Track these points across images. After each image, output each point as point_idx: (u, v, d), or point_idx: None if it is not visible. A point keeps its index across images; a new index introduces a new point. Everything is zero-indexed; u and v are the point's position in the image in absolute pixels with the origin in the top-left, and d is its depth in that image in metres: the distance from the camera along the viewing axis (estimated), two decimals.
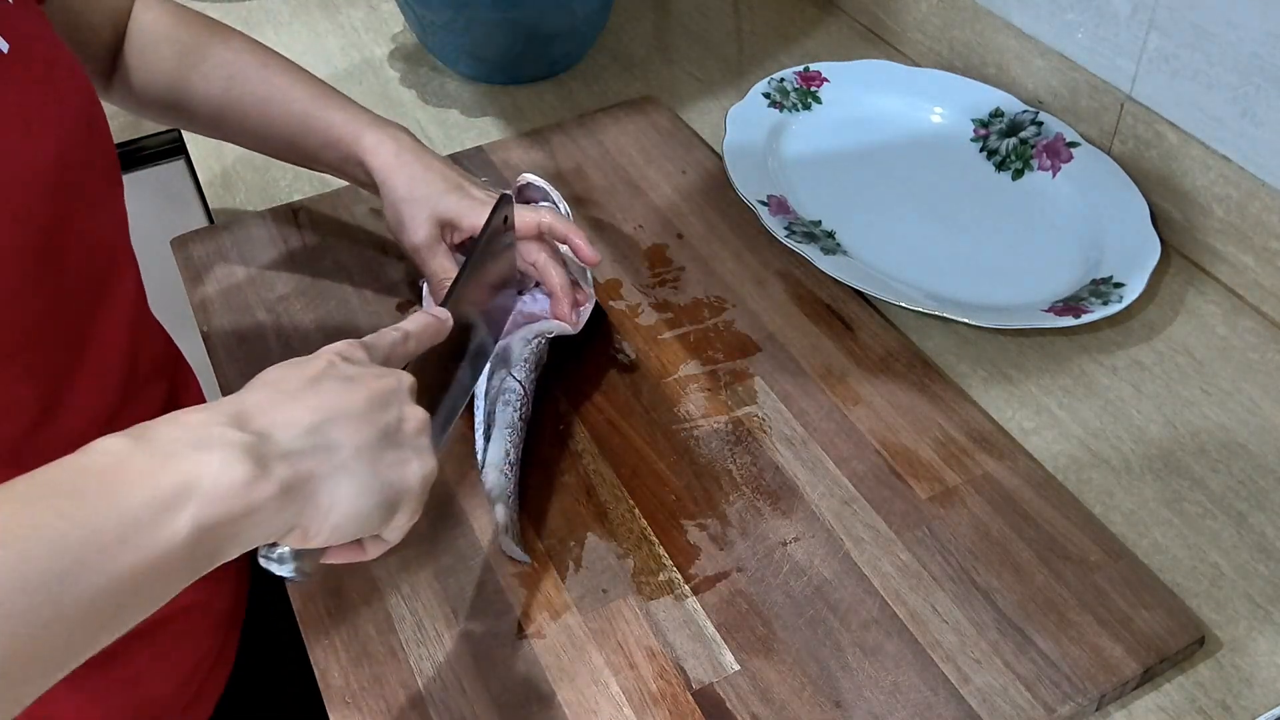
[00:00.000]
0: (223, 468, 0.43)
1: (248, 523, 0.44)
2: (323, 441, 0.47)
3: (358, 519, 0.48)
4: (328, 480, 0.47)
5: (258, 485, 0.44)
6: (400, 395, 0.51)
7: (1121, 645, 0.62)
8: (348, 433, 0.48)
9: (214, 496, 0.43)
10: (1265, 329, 0.83)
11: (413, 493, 0.50)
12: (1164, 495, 0.72)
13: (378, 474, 0.49)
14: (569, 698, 0.61)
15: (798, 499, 0.70)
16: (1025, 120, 0.97)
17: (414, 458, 0.51)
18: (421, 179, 0.76)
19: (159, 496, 0.42)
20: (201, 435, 0.44)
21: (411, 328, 0.57)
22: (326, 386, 0.49)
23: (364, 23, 1.20)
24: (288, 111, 0.78)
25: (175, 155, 1.27)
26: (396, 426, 0.50)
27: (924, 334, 0.83)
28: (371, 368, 0.52)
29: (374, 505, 0.49)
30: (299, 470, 0.46)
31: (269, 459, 0.45)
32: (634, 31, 1.19)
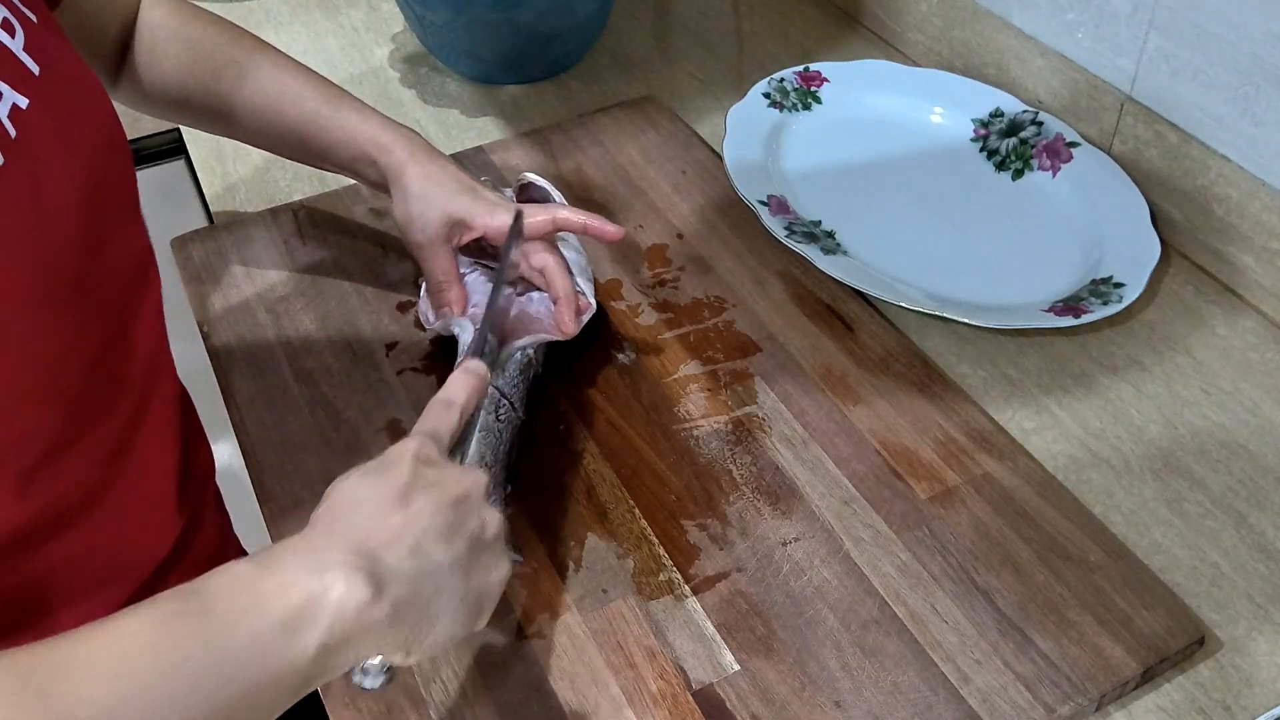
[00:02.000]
0: (346, 590, 0.45)
1: (363, 641, 0.46)
2: (425, 562, 0.48)
3: (455, 631, 0.50)
4: (430, 598, 0.48)
5: (375, 606, 0.46)
6: (478, 499, 0.52)
7: (1121, 645, 0.62)
8: (442, 549, 0.49)
9: (338, 617, 0.45)
10: (1265, 329, 0.83)
11: (493, 596, 0.52)
12: (1164, 495, 0.72)
13: (468, 586, 0.50)
14: (569, 698, 0.61)
15: (798, 499, 0.70)
16: (1025, 120, 0.97)
17: (494, 563, 0.52)
18: (435, 178, 0.76)
19: (287, 618, 0.44)
20: (322, 560, 0.46)
21: (459, 397, 0.57)
22: (417, 502, 0.50)
23: (364, 23, 1.20)
24: (299, 110, 0.78)
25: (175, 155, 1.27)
26: (480, 533, 0.51)
27: (924, 334, 0.83)
28: (449, 469, 0.52)
29: (468, 616, 0.51)
30: (409, 591, 0.47)
31: (384, 581, 0.46)
32: (634, 31, 1.19)
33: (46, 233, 0.53)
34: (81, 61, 0.61)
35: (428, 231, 0.76)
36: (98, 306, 0.58)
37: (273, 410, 0.76)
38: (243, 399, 0.77)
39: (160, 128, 1.24)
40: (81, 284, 0.56)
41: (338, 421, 0.75)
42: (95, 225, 0.57)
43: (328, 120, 0.77)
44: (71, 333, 0.55)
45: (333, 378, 0.79)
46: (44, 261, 0.52)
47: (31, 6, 0.58)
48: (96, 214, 0.57)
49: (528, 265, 0.78)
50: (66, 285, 0.54)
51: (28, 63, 0.54)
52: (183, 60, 0.78)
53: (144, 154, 1.26)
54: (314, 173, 0.99)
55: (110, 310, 0.59)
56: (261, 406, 0.77)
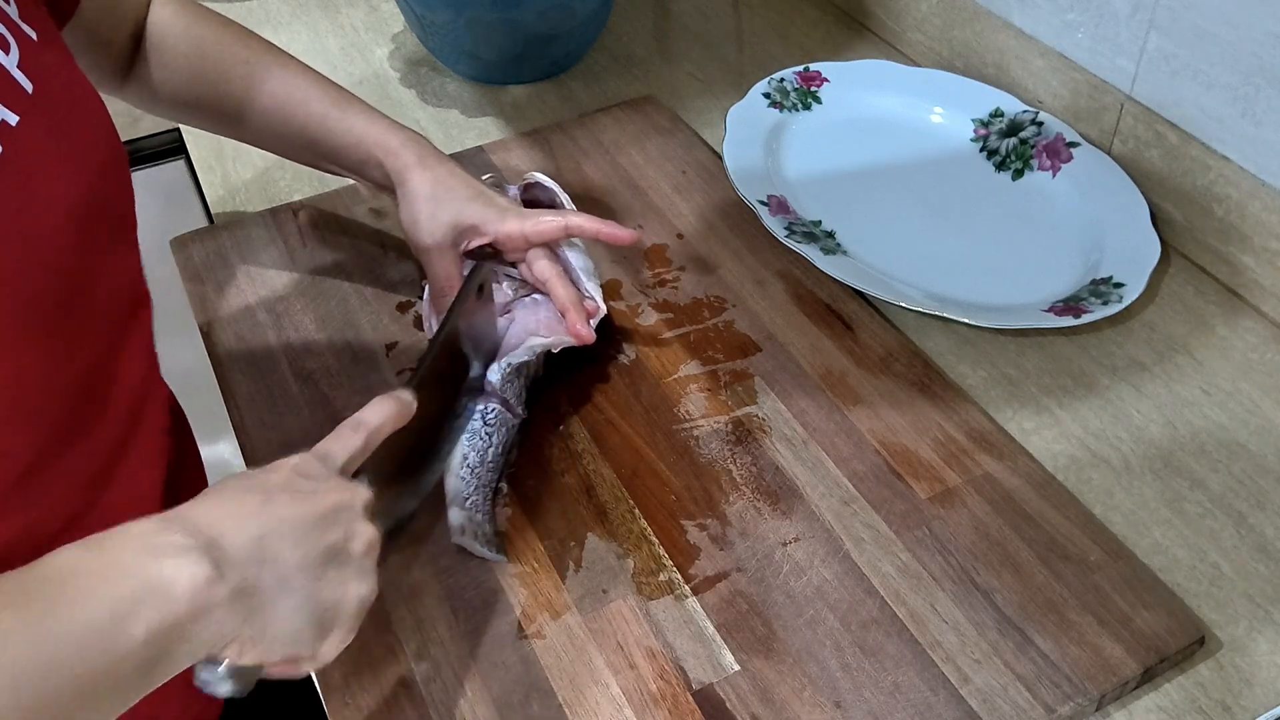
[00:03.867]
0: (177, 570, 0.44)
1: (198, 626, 0.45)
2: (268, 553, 0.48)
3: (291, 636, 0.49)
4: (270, 593, 0.48)
5: (212, 587, 0.45)
6: (351, 512, 0.52)
7: (1121, 645, 0.62)
8: (292, 547, 0.49)
9: (170, 598, 0.44)
10: (1265, 329, 0.83)
11: (348, 614, 0.51)
12: (1164, 495, 0.72)
13: (316, 593, 0.49)
14: (569, 698, 0.61)
15: (798, 499, 0.70)
16: (1025, 120, 0.97)
17: (354, 579, 0.51)
18: (445, 182, 0.76)
19: (116, 604, 0.43)
20: (155, 543, 0.46)
21: (373, 420, 0.57)
22: (277, 500, 0.50)
23: (364, 23, 1.20)
24: (306, 113, 0.78)
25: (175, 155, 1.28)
26: (343, 545, 0.51)
27: (924, 334, 0.83)
28: (327, 481, 0.52)
29: (308, 623, 0.49)
30: (247, 578, 0.47)
31: (222, 562, 0.46)
32: (634, 31, 1.19)
33: (32, 253, 0.52)
34: (82, 79, 0.60)
35: (435, 236, 0.76)
36: (84, 332, 0.57)
37: (273, 410, 0.76)
38: (243, 399, 0.77)
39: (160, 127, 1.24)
40: (68, 307, 0.55)
41: (338, 422, 0.75)
42: (87, 247, 0.56)
43: (335, 123, 0.77)
44: (53, 357, 0.54)
45: (333, 378, 0.79)
46: (29, 282, 0.52)
47: (33, 22, 0.57)
48: (88, 235, 0.56)
49: (530, 273, 0.78)
50: (51, 308, 0.54)
51: (20, 80, 0.54)
52: (190, 62, 0.78)
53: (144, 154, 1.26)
54: (314, 173, 0.99)
55: (97, 337, 0.59)
56: (261, 406, 0.77)
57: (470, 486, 0.68)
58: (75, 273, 0.55)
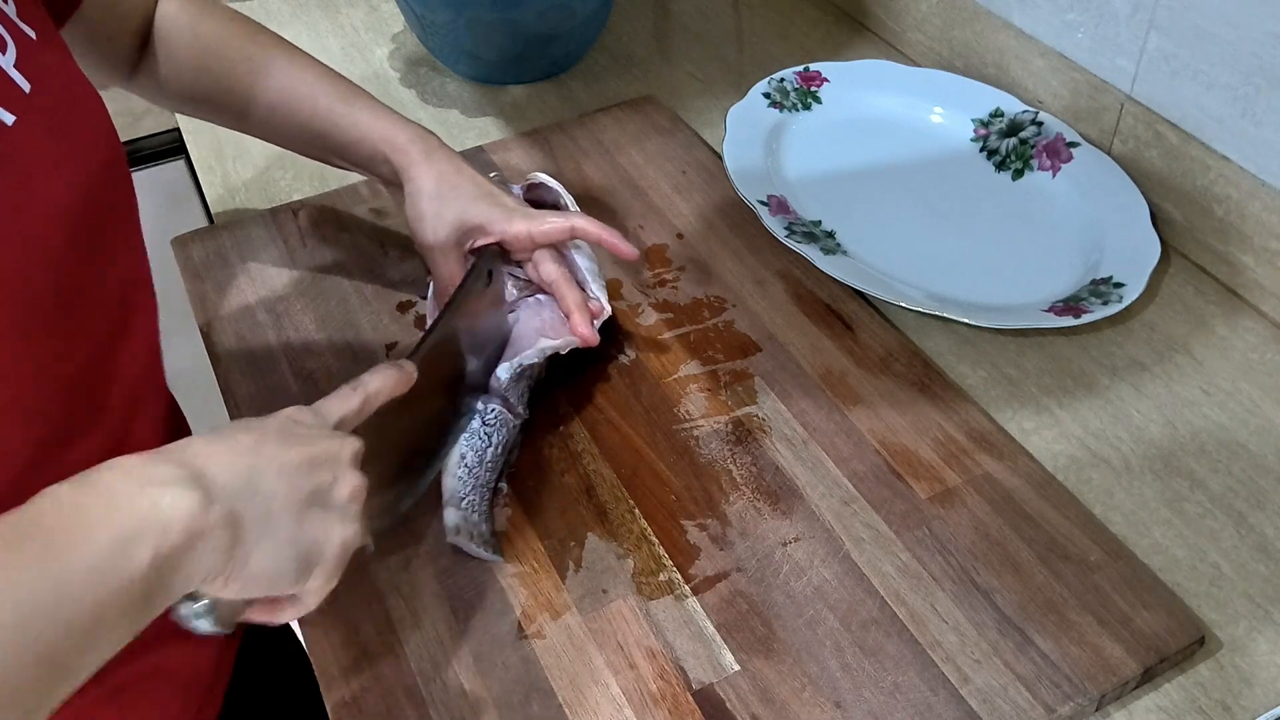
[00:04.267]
0: (174, 500, 0.45)
1: (191, 555, 0.46)
2: (255, 487, 0.49)
3: (273, 572, 0.50)
4: (254, 525, 0.48)
5: (206, 514, 0.46)
6: (339, 459, 0.53)
7: (1121, 645, 0.62)
8: (278, 484, 0.49)
9: (168, 526, 0.45)
10: (1265, 329, 0.83)
11: (330, 557, 0.52)
12: (1164, 495, 0.72)
13: (299, 531, 0.50)
14: (569, 698, 0.61)
15: (798, 499, 0.70)
16: (1025, 120, 0.97)
17: (338, 523, 0.52)
18: (450, 180, 0.76)
19: (116, 537, 0.44)
20: (147, 474, 0.46)
21: (372, 384, 0.58)
22: (269, 439, 0.51)
23: (364, 23, 1.21)
24: (313, 108, 0.77)
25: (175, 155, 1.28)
26: (328, 489, 0.52)
27: (924, 334, 0.83)
28: (318, 429, 0.53)
29: (290, 561, 0.50)
30: (234, 508, 0.47)
31: (211, 490, 0.47)
32: (634, 31, 1.19)
33: (29, 252, 0.52)
34: (82, 79, 0.60)
35: (439, 234, 0.75)
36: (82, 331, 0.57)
37: (273, 410, 0.76)
38: (243, 399, 0.77)
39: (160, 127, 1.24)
40: (66, 306, 0.55)
41: None
42: (84, 246, 0.56)
43: (342, 118, 0.77)
44: (51, 356, 0.54)
45: (333, 378, 0.79)
46: (26, 282, 0.52)
47: (31, 21, 0.57)
48: (86, 235, 0.56)
49: (536, 274, 0.78)
50: (49, 308, 0.54)
51: (18, 80, 0.53)
52: (197, 56, 0.78)
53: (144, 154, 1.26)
54: (314, 173, 0.99)
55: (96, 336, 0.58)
56: (261, 406, 0.77)
57: (467, 486, 0.68)
58: (73, 273, 0.55)
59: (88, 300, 0.57)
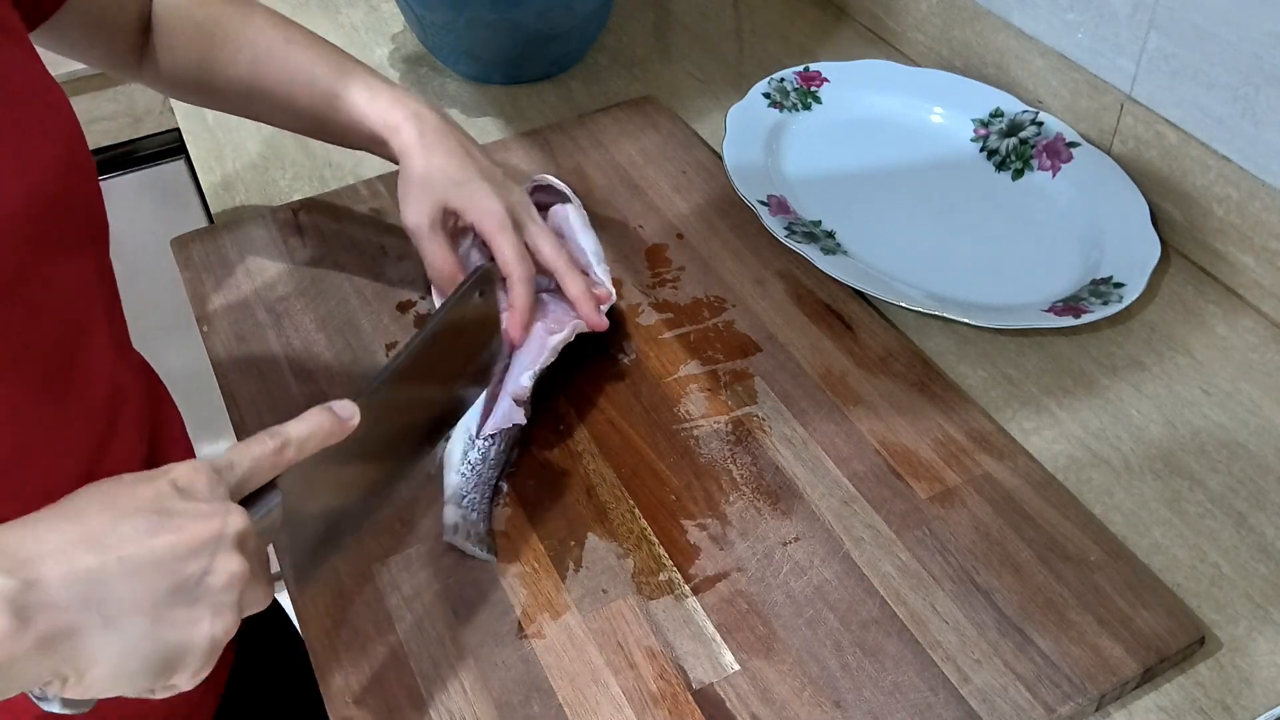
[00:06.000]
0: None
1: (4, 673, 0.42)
2: (96, 594, 0.44)
3: (121, 680, 0.45)
4: (91, 637, 0.44)
5: (14, 639, 0.42)
6: (217, 543, 0.46)
7: (1121, 645, 0.62)
8: (128, 587, 0.44)
9: None
10: (1265, 329, 0.83)
11: (197, 653, 0.47)
12: (1164, 495, 0.72)
13: (155, 633, 0.45)
14: (569, 698, 0.61)
15: (798, 499, 0.70)
16: (1025, 120, 0.97)
17: (207, 616, 0.46)
18: (437, 164, 0.75)
19: None
20: None
21: (295, 433, 0.52)
22: (131, 526, 0.45)
23: (364, 23, 1.21)
24: (312, 91, 0.77)
25: (175, 155, 1.28)
26: (198, 580, 0.46)
27: (924, 334, 0.83)
28: (200, 505, 0.47)
29: (142, 667, 0.45)
30: (60, 623, 0.43)
31: (30, 609, 0.42)
32: (634, 31, 1.19)
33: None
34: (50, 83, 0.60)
35: (418, 217, 0.75)
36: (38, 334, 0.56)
37: (273, 410, 0.76)
38: (243, 399, 0.77)
39: (160, 127, 1.24)
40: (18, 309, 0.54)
41: None
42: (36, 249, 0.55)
43: (340, 102, 0.77)
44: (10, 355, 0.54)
45: (333, 378, 0.79)
46: None
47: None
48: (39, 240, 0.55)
49: (538, 262, 0.78)
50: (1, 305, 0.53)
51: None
52: (196, 43, 0.78)
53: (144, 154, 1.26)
54: (314, 172, 0.99)
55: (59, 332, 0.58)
56: (261, 406, 0.77)
57: (470, 484, 0.68)
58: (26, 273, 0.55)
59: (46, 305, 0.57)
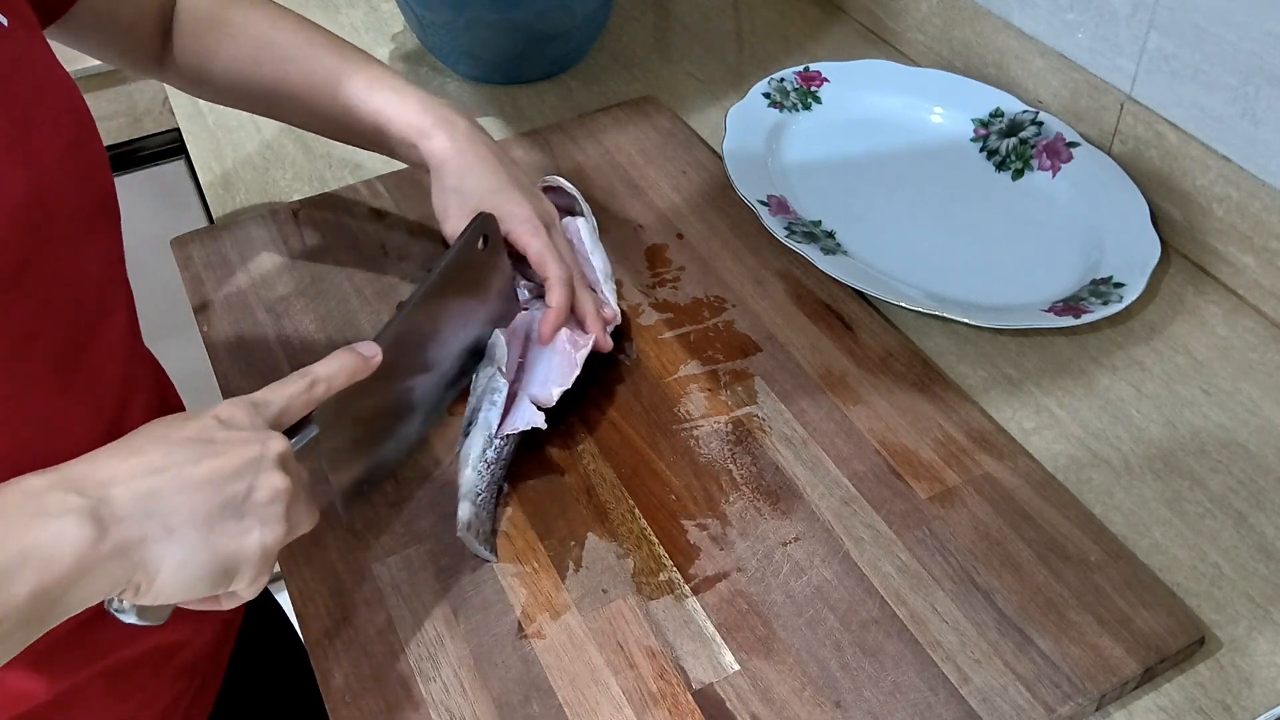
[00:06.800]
0: (63, 532, 0.46)
1: (84, 582, 0.47)
2: (155, 508, 0.49)
3: (185, 584, 0.50)
4: (157, 545, 0.48)
5: (95, 547, 0.46)
6: (259, 464, 0.52)
7: (1121, 645, 0.62)
8: (182, 502, 0.49)
9: (50, 561, 0.45)
10: (1265, 329, 0.83)
11: (250, 561, 0.52)
12: (1164, 495, 0.72)
13: (210, 543, 0.50)
14: (569, 698, 0.61)
15: (798, 499, 0.70)
16: (1025, 120, 0.97)
17: (256, 527, 0.51)
18: (473, 171, 0.75)
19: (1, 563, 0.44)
20: (41, 503, 0.47)
21: (323, 371, 0.57)
22: (180, 451, 0.50)
23: (364, 23, 1.21)
24: (336, 95, 0.77)
25: (175, 155, 1.28)
26: (244, 496, 0.51)
27: (924, 334, 0.83)
28: (241, 433, 0.52)
29: (202, 573, 0.50)
30: (131, 534, 0.48)
31: (106, 521, 0.47)
32: (634, 31, 1.19)
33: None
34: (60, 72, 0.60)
35: (459, 226, 0.74)
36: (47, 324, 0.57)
37: None
38: None
39: (160, 127, 1.24)
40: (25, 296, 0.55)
41: None
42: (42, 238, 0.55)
43: (368, 105, 0.76)
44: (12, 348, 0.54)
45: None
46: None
47: (7, 12, 0.57)
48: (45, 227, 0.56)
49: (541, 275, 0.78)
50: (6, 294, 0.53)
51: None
52: (220, 44, 0.77)
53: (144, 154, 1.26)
54: (314, 172, 0.99)
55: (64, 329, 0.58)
56: None
57: (484, 481, 0.68)
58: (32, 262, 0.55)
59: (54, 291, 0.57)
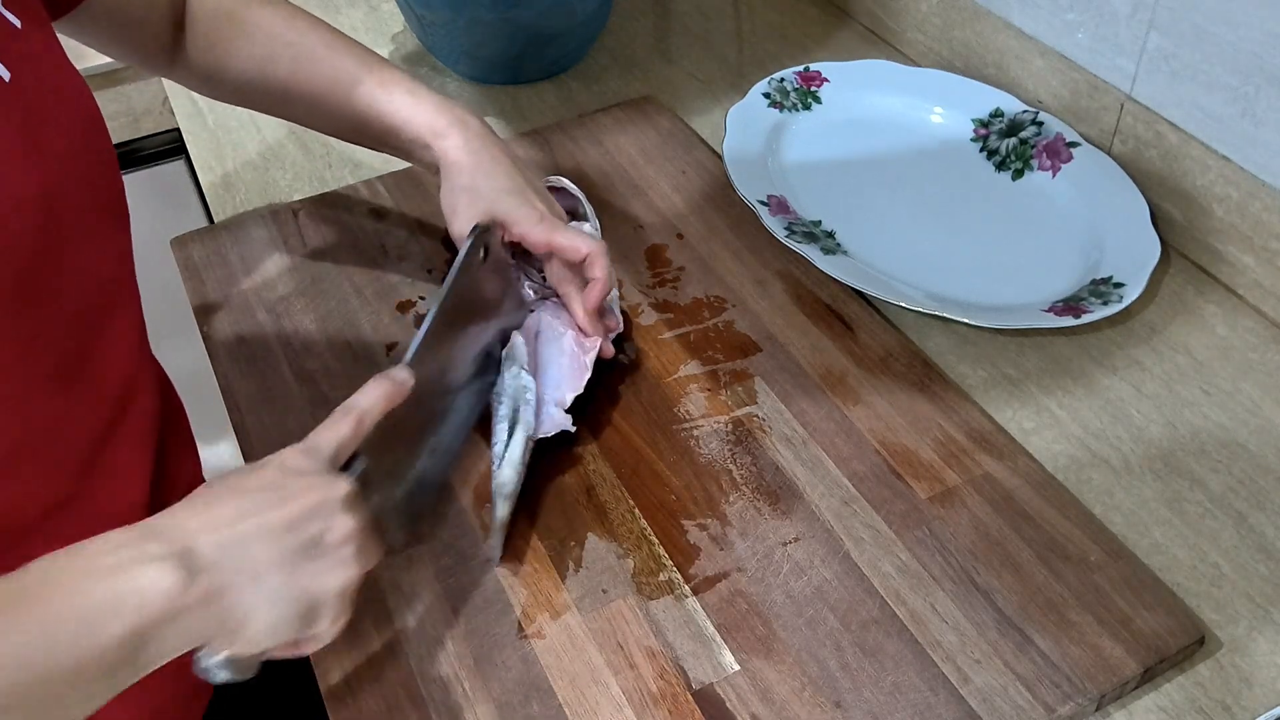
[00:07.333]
0: (155, 578, 0.47)
1: (173, 629, 0.48)
2: (240, 555, 0.50)
3: (273, 627, 0.51)
4: (244, 591, 0.50)
5: (184, 593, 0.48)
6: (329, 505, 0.53)
7: (1121, 645, 0.62)
8: (264, 549, 0.50)
9: (142, 605, 0.46)
10: (1265, 329, 0.83)
11: (331, 601, 0.53)
12: (1164, 495, 0.72)
13: (292, 587, 0.51)
14: (569, 698, 0.61)
15: (798, 499, 0.70)
16: (1025, 120, 0.97)
17: (333, 569, 0.53)
18: (486, 171, 0.75)
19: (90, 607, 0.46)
20: (132, 552, 0.48)
21: (364, 404, 0.58)
22: (253, 502, 0.51)
23: (364, 23, 1.21)
24: (350, 95, 0.77)
25: (175, 155, 1.28)
26: (320, 538, 0.52)
27: (924, 334, 0.83)
28: (307, 478, 0.53)
29: (288, 616, 0.52)
30: (219, 581, 0.49)
31: (194, 568, 0.48)
32: (634, 31, 1.19)
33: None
34: (70, 71, 0.60)
35: (470, 225, 0.74)
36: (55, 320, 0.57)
37: (273, 410, 0.76)
38: (243, 399, 0.77)
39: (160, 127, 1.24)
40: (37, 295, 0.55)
41: None
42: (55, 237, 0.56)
43: (383, 105, 0.76)
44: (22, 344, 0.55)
45: (333, 378, 0.79)
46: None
47: (19, 12, 0.57)
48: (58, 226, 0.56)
49: (548, 275, 0.78)
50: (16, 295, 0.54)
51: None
52: (234, 43, 0.77)
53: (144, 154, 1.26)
54: (314, 173, 0.99)
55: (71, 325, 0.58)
56: (261, 406, 0.77)
57: (518, 481, 0.68)
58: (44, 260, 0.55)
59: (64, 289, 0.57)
